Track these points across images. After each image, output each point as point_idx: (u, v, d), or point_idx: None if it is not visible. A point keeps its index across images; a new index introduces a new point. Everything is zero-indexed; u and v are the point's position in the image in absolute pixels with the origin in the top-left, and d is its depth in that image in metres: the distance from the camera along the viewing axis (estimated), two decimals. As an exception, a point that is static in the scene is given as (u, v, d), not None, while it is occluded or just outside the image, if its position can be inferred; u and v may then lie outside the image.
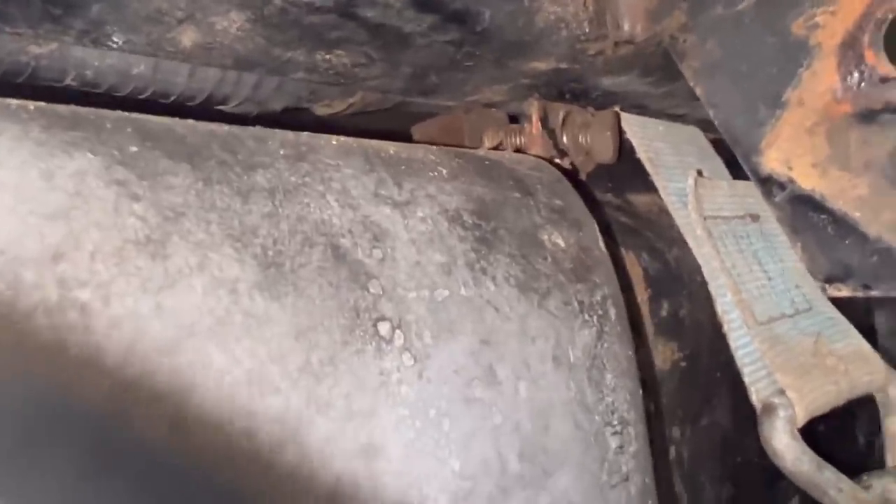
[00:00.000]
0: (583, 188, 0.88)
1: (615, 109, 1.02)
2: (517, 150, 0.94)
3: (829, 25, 0.72)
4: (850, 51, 0.72)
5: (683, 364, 0.95)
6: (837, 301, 1.08)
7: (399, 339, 0.53)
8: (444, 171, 0.66)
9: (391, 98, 0.96)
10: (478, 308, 0.58)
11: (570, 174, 0.90)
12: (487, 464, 0.55)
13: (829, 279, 0.76)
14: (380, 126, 1.03)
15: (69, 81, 0.74)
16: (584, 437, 0.62)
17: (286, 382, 0.46)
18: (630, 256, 0.92)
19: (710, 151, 1.18)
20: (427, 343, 0.54)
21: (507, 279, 0.62)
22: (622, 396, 0.67)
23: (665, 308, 0.93)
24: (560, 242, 0.68)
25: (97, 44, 0.66)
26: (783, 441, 0.90)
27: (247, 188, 0.51)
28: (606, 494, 0.62)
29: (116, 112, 0.53)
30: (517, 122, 1.02)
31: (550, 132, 0.96)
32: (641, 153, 1.02)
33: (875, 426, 1.15)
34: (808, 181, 0.75)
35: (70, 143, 0.45)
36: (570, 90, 0.96)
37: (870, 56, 0.71)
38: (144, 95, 0.79)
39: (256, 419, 0.44)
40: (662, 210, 1.01)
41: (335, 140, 0.63)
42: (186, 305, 0.44)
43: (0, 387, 0.37)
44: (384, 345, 0.52)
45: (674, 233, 0.99)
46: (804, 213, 0.76)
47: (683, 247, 0.99)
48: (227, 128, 0.56)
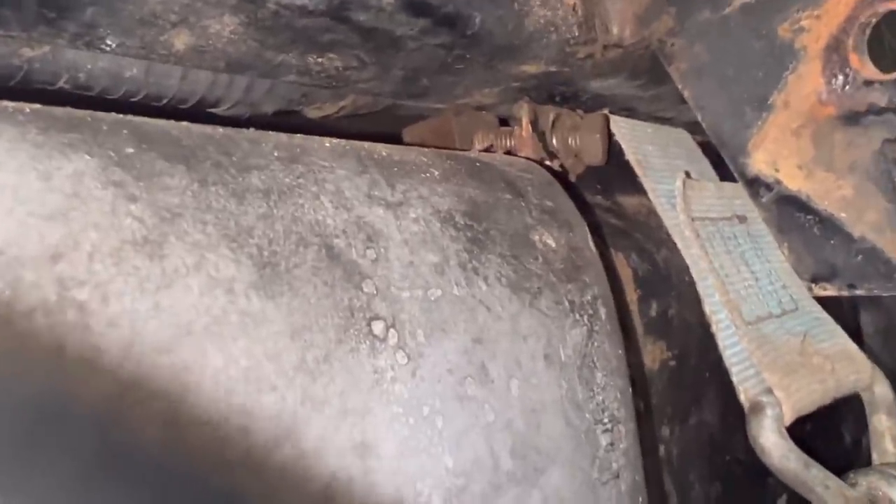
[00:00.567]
0: (573, 190, 0.89)
1: (604, 112, 1.03)
2: (507, 153, 0.95)
3: (815, 29, 0.73)
4: (835, 54, 0.73)
5: (672, 363, 0.96)
6: (824, 301, 1.09)
7: (393, 338, 0.53)
8: (437, 173, 0.67)
9: (382, 101, 0.97)
10: (470, 307, 0.59)
11: (560, 176, 0.91)
12: (480, 461, 0.56)
13: (815, 279, 0.77)
14: (371, 128, 1.04)
15: (62, 84, 0.74)
16: (575, 435, 0.63)
17: (282, 380, 0.47)
18: (619, 257, 0.93)
19: (698, 153, 1.19)
20: (420, 342, 0.55)
21: (499, 279, 0.62)
22: (612, 395, 0.67)
23: (654, 308, 0.94)
24: (551, 243, 0.69)
25: (90, 47, 0.66)
26: (771, 439, 0.92)
27: (242, 189, 0.52)
28: (597, 491, 0.63)
29: (112, 114, 0.53)
30: (507, 125, 1.03)
31: (540, 134, 0.97)
32: (630, 155, 1.03)
33: (860, 424, 1.17)
34: (794, 182, 0.77)
35: (67, 145, 0.46)
36: (560, 93, 0.97)
37: (854, 59, 0.72)
38: (137, 98, 0.79)
39: (252, 417, 0.45)
40: (651, 211, 1.03)
41: (328, 142, 0.63)
42: (183, 305, 0.44)
43: (-1, 385, 0.38)
44: (378, 343, 0.52)
45: (662, 234, 1.01)
46: (790, 214, 0.77)
47: (672, 248, 1.00)
48: (222, 130, 0.57)
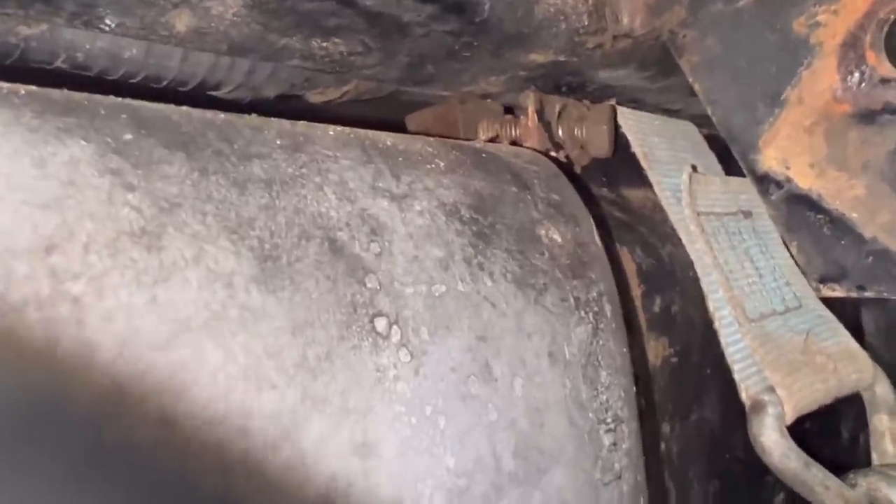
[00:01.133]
0: (578, 182, 0.87)
1: (611, 103, 1.01)
2: (512, 143, 0.94)
3: (831, 24, 0.72)
4: (851, 51, 0.71)
5: (674, 360, 0.95)
6: (826, 299, 1.08)
7: (396, 336, 0.52)
8: (442, 164, 0.66)
9: (386, 87, 0.95)
10: (475, 304, 0.58)
11: (566, 168, 0.89)
12: (482, 461, 0.55)
13: (824, 279, 0.76)
14: (374, 114, 1.02)
15: (59, 64, 0.72)
16: (579, 435, 0.62)
17: (282, 378, 0.45)
18: (624, 252, 0.92)
19: (704, 147, 1.18)
20: (424, 339, 0.53)
21: (505, 275, 0.61)
22: (616, 394, 0.66)
23: (657, 304, 0.93)
24: (557, 238, 0.67)
25: (89, 26, 0.64)
26: (771, 438, 0.91)
27: (243, 179, 0.50)
28: (599, 492, 0.62)
29: (110, 98, 0.51)
30: (512, 114, 1.01)
31: (546, 125, 0.95)
32: (636, 148, 1.01)
33: (858, 422, 1.16)
34: (806, 180, 0.75)
35: (63, 130, 0.44)
36: (567, 83, 0.95)
37: (871, 56, 0.70)
38: (136, 79, 0.77)
39: (251, 416, 0.43)
40: (656, 205, 1.01)
41: (332, 130, 0.62)
42: (182, 299, 0.43)
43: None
44: (381, 341, 0.51)
45: (667, 228, 0.99)
46: (801, 213, 0.76)
47: (676, 242, 0.98)
48: (223, 116, 0.55)
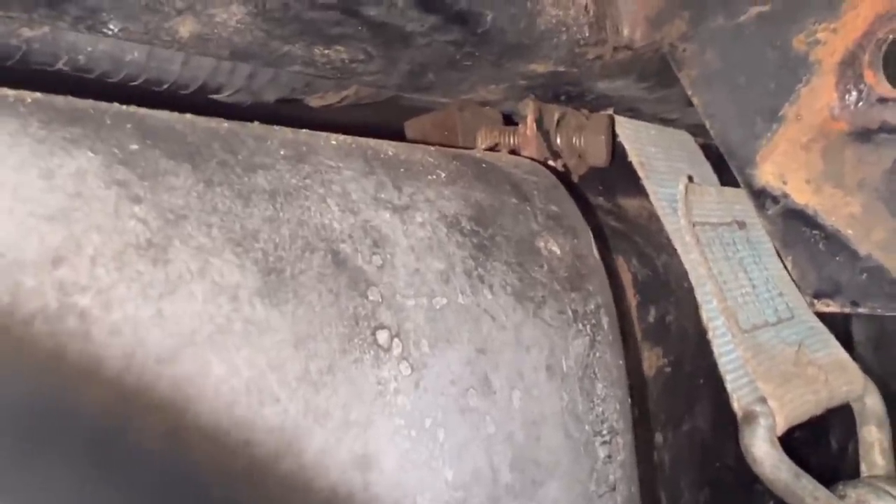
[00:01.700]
0: (575, 191, 0.88)
1: (609, 113, 1.01)
2: (511, 151, 0.94)
3: (830, 42, 0.72)
4: (850, 69, 0.72)
5: (667, 370, 0.95)
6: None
7: (397, 348, 0.52)
8: (443, 175, 0.66)
9: (385, 92, 0.95)
10: (475, 317, 0.58)
11: (564, 177, 0.89)
12: (479, 474, 0.55)
13: (818, 294, 0.77)
14: (373, 119, 1.02)
15: (61, 66, 0.72)
16: (575, 447, 0.62)
17: (285, 392, 0.45)
18: (620, 261, 0.92)
19: (700, 156, 1.19)
20: (424, 352, 0.54)
21: (504, 287, 0.61)
22: (612, 406, 0.67)
23: (652, 314, 0.94)
24: (556, 250, 0.68)
25: (92, 30, 0.64)
26: (763, 449, 0.92)
27: (248, 190, 0.50)
28: (594, 504, 0.63)
29: (115, 105, 0.51)
30: (511, 121, 1.01)
31: (544, 133, 0.95)
32: (633, 157, 1.02)
33: (849, 434, 1.17)
34: (802, 196, 0.76)
35: (70, 141, 0.44)
36: (566, 92, 0.96)
37: (869, 75, 0.71)
38: (137, 82, 0.77)
39: (254, 429, 0.44)
40: (652, 215, 1.02)
41: (334, 139, 0.62)
42: (187, 313, 0.43)
43: (-3, 394, 0.36)
44: (382, 354, 0.51)
45: (662, 238, 1.00)
46: (796, 228, 0.77)
47: (671, 252, 0.99)
48: (227, 125, 0.55)
